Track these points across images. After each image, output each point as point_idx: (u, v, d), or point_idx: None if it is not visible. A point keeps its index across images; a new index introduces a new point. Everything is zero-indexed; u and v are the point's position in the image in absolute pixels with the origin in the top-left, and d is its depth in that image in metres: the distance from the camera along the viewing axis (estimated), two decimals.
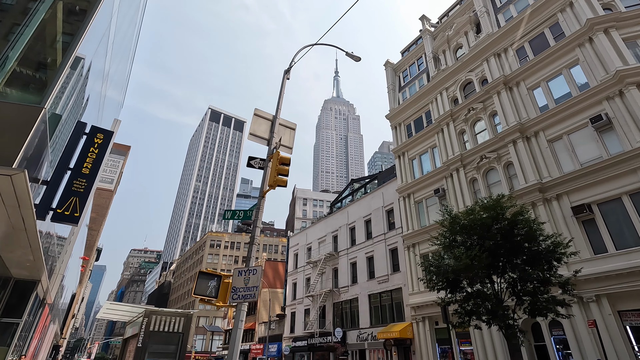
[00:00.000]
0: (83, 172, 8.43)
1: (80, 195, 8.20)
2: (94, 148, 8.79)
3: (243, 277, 5.45)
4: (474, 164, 21.48)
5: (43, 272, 12.25)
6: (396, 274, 24.90)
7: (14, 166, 5.67)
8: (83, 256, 41.09)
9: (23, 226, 7.55)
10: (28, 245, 8.93)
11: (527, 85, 20.43)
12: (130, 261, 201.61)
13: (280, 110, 7.39)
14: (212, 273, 5.71)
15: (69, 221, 7.87)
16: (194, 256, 77.69)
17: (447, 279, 12.41)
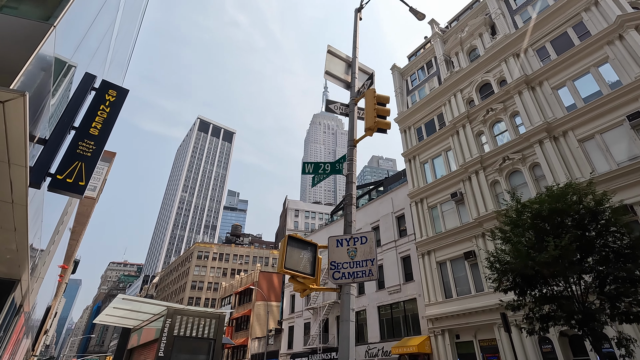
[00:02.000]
0: (91, 133, 6.69)
1: (86, 160, 6.44)
2: (104, 106, 7.09)
3: (346, 247, 3.88)
4: (496, 166, 20.41)
5: (25, 269, 10.17)
6: (409, 283, 23.29)
7: (13, 86, 4.01)
8: (62, 264, 37.97)
9: (10, 193, 5.73)
10: (12, 227, 7.03)
11: (551, 84, 19.68)
12: (109, 274, 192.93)
13: (357, 52, 5.96)
14: (304, 240, 4.07)
15: (71, 190, 6.08)
16: (180, 268, 73.99)
17: (521, 277, 10.78)
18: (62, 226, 18.45)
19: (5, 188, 5.64)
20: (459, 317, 19.48)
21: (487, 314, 18.22)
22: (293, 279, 3.82)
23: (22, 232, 7.44)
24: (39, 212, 9.50)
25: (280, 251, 3.77)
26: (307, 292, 3.89)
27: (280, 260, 3.68)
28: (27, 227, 7.28)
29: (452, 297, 20.37)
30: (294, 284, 3.85)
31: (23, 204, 6.25)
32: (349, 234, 4.13)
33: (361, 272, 3.71)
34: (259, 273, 44.17)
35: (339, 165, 4.98)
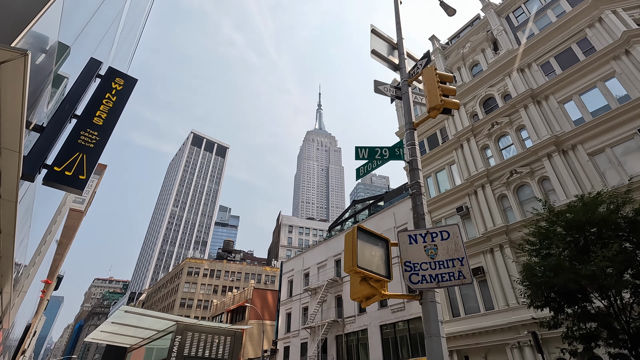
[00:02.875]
0: (95, 123, 5.96)
1: (88, 151, 5.69)
2: (110, 95, 6.39)
3: (422, 244, 3.18)
4: (503, 180, 20.02)
5: (8, 280, 9.16)
6: (414, 301, 22.34)
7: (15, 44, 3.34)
8: (46, 279, 36.07)
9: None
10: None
11: (557, 98, 19.61)
12: (93, 291, 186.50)
13: (402, 33, 5.44)
14: (375, 233, 3.33)
15: (70, 185, 5.30)
16: (169, 285, 71.48)
17: (562, 291, 9.92)
18: (49, 236, 17.33)
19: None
20: (467, 337, 18.60)
21: (499, 334, 17.38)
22: (364, 282, 3.07)
23: (8, 235, 6.56)
24: (28, 216, 8.62)
25: (347, 245, 3.06)
26: (375, 300, 3.16)
27: (350, 257, 2.94)
28: (14, 229, 6.42)
29: (460, 316, 19.52)
30: (359, 290, 3.07)
31: (12, 200, 5.44)
32: (423, 229, 3.45)
33: (447, 274, 3.01)
34: (253, 290, 42.64)
35: (398, 150, 4.36)
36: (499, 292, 18.06)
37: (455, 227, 3.28)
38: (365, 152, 4.60)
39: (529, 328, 16.21)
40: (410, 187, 4.06)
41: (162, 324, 7.68)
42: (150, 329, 7.91)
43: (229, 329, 7.64)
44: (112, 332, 8.38)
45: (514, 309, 17.19)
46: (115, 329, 8.14)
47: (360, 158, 4.53)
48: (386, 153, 4.56)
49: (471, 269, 15.84)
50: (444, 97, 4.24)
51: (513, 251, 18.25)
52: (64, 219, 22.62)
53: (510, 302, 17.40)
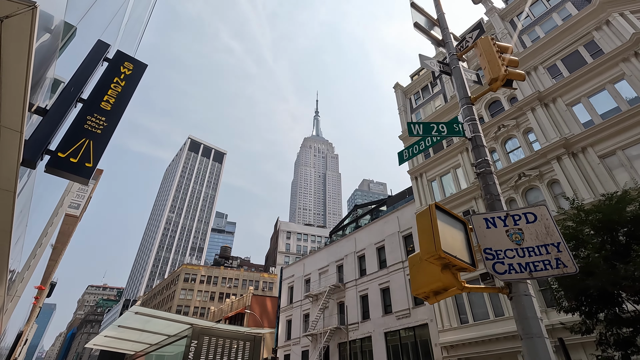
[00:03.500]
0: (102, 108, 5.50)
1: (95, 138, 5.22)
2: (119, 79, 5.93)
3: (502, 228, 2.74)
4: (511, 183, 19.68)
5: (2, 282, 8.58)
6: (419, 307, 21.82)
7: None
8: (39, 285, 35.09)
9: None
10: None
11: (565, 101, 19.39)
12: (86, 298, 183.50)
13: (442, 8, 5.08)
14: (452, 213, 2.86)
15: (75, 172, 4.82)
16: (165, 291, 70.25)
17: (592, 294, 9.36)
18: (45, 239, 16.70)
19: None
20: (477, 344, 18.06)
21: (510, 341, 16.87)
22: (446, 271, 2.61)
23: (4, 231, 6.03)
24: (25, 213, 8.08)
25: (424, 226, 2.61)
26: (450, 294, 2.70)
27: (431, 240, 2.45)
28: (11, 225, 5.90)
29: (468, 323, 19.00)
30: (433, 280, 2.53)
31: (10, 190, 4.94)
32: (501, 211, 3.02)
33: (541, 262, 2.56)
34: (252, 297, 41.82)
35: (457, 126, 3.94)
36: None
37: (543, 208, 2.85)
38: (419, 128, 4.18)
39: None
40: (476, 165, 3.64)
41: (175, 328, 6.68)
42: (160, 334, 7.14)
43: (248, 334, 6.88)
44: (116, 337, 7.60)
45: None
46: (120, 334, 7.34)
47: (414, 134, 4.11)
48: (443, 129, 4.14)
49: (480, 275, 15.36)
50: (509, 68, 3.83)
51: None
52: (60, 222, 21.96)
53: None
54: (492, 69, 3.82)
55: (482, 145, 3.70)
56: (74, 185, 19.92)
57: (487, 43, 4.05)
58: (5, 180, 4.75)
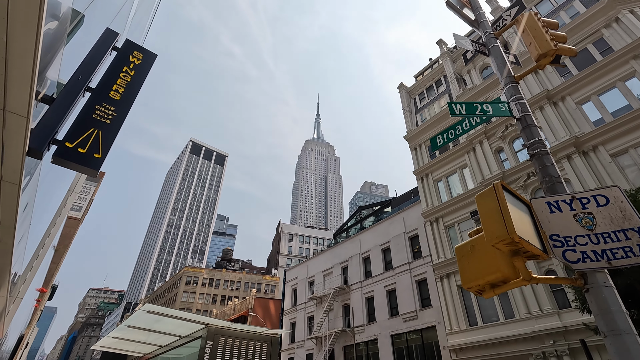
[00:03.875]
0: (111, 97, 5.25)
1: (104, 128, 4.96)
2: (128, 68, 5.68)
3: (569, 212, 2.47)
4: (520, 182, 19.38)
5: (5, 283, 8.32)
6: (427, 309, 21.47)
7: None
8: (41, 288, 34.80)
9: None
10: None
11: (574, 99, 19.12)
12: (87, 302, 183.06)
13: None
14: (517, 195, 2.56)
15: (84, 163, 4.56)
16: (166, 294, 69.89)
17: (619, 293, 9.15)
18: (47, 239, 16.45)
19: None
20: (487, 347, 17.71)
21: (521, 344, 16.52)
22: (518, 258, 2.33)
23: (8, 227, 5.78)
24: (29, 210, 7.82)
25: (489, 207, 2.32)
26: (515, 286, 2.42)
27: (501, 221, 2.13)
28: (15, 220, 5.65)
29: (477, 325, 18.65)
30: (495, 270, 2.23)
31: (15, 182, 4.68)
32: (564, 194, 2.76)
33: (621, 250, 2.27)
34: (255, 299, 41.46)
35: (504, 105, 3.69)
36: (520, 299, 17.25)
37: (616, 190, 2.57)
38: (462, 108, 3.92)
39: (554, 337, 15.41)
40: (529, 147, 3.39)
41: (187, 328, 6.13)
42: (171, 334, 6.63)
43: (265, 334, 6.49)
44: (125, 338, 7.23)
45: (537, 317, 16.37)
46: (128, 335, 6.95)
47: (457, 114, 3.87)
48: (488, 109, 3.88)
49: None
50: (559, 44, 3.57)
51: None
52: (63, 223, 21.72)
53: (533, 310, 16.58)
54: (540, 44, 3.55)
55: (534, 125, 3.45)
56: (77, 185, 19.69)
57: (532, 19, 3.80)
58: (11, 172, 4.50)
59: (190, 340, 5.91)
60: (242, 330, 5.80)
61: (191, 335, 5.92)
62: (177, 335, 6.28)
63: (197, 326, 5.54)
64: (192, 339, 5.93)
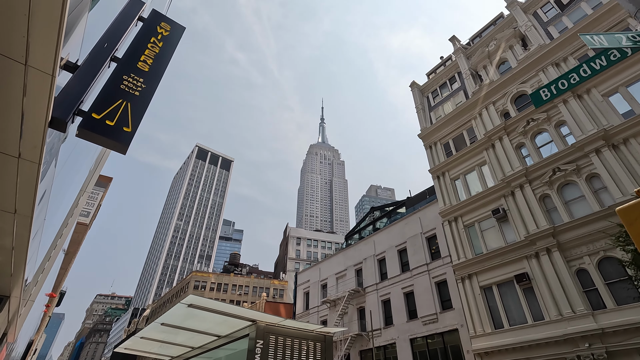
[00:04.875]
0: (139, 68, 4.71)
1: (134, 100, 4.41)
2: (156, 39, 5.14)
3: None
4: (545, 179, 18.63)
5: (19, 280, 7.78)
6: (448, 312, 20.67)
7: None
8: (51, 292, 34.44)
9: (17, 135, 3.64)
10: (12, 204, 4.86)
11: (600, 91, 18.40)
12: (95, 308, 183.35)
13: None
14: None
15: (113, 137, 4.01)
16: (174, 299, 69.37)
17: None
18: (59, 240, 15.99)
19: (10, 122, 3.54)
20: (515, 351, 16.86)
21: (552, 347, 15.67)
22: None
23: (25, 216, 5.24)
24: (45, 203, 7.29)
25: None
26: None
27: None
28: (33, 207, 5.12)
29: (504, 328, 17.82)
30: None
31: (35, 161, 4.15)
32: None
33: None
34: (265, 303, 40.79)
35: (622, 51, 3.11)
36: (550, 300, 16.43)
37: None
38: (601, 40, 3.33)
39: (590, 340, 14.58)
40: None
41: (230, 326, 5.29)
42: (208, 334, 5.72)
43: (318, 332, 5.72)
44: (154, 339, 6.49)
45: (569, 318, 15.54)
46: (158, 335, 6.02)
47: (596, 45, 3.28)
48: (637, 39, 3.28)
49: (514, 276, 14.21)
50: None
51: (563, 255, 16.74)
52: (75, 224, 21.32)
53: (564, 312, 15.76)
54: None
55: None
56: (89, 185, 19.27)
57: None
58: (30, 147, 3.97)
59: (233, 340, 5.15)
60: (293, 327, 5.09)
61: (233, 335, 5.11)
62: (214, 335, 5.55)
63: (243, 323, 4.81)
64: (234, 338, 5.12)
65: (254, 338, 4.22)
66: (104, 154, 19.94)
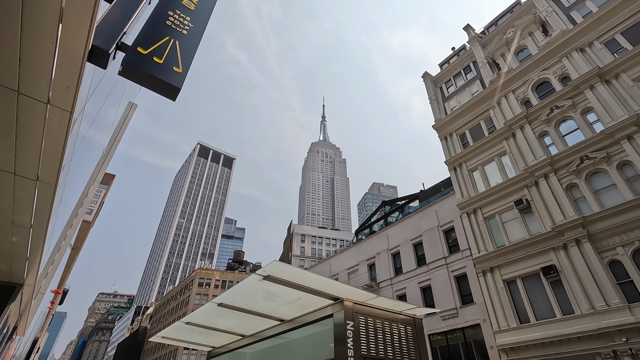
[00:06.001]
0: (185, 6, 3.96)
1: (182, 39, 3.65)
2: None
3: None
4: (572, 167, 17.89)
5: (35, 265, 7.07)
6: (468, 306, 19.98)
7: None
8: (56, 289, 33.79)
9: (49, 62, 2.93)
10: (34, 169, 4.16)
11: (630, 76, 17.64)
12: (97, 306, 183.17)
13: None
14: None
15: (162, 75, 3.29)
16: (178, 297, 68.80)
17: None
18: (70, 231, 15.31)
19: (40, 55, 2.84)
20: (543, 346, 16.17)
21: (585, 342, 14.96)
22: None
23: (47, 186, 4.54)
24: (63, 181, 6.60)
25: None
26: None
27: None
28: (57, 174, 4.42)
29: (530, 322, 17.12)
30: None
31: (67, 109, 3.45)
32: None
33: None
34: None
35: None
36: (581, 293, 15.72)
37: None
38: None
39: (627, 334, 13.88)
40: None
41: (303, 306, 4.37)
42: (270, 317, 4.76)
43: (406, 314, 4.79)
44: (201, 324, 5.36)
45: (602, 312, 14.83)
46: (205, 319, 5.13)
47: None
48: None
49: (541, 268, 13.47)
50: None
51: (594, 246, 16.03)
52: (84, 216, 20.65)
53: (598, 305, 15.05)
54: None
55: None
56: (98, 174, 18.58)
57: None
58: (63, 89, 3.26)
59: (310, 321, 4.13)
60: (382, 307, 4.25)
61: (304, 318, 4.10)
62: (276, 319, 4.66)
63: (322, 302, 3.98)
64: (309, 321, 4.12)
65: (342, 320, 3.42)
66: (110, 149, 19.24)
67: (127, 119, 18.53)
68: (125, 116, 18.54)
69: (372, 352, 3.53)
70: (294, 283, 3.46)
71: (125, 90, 11.55)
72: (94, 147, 11.10)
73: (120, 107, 13.58)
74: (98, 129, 9.09)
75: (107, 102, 6.91)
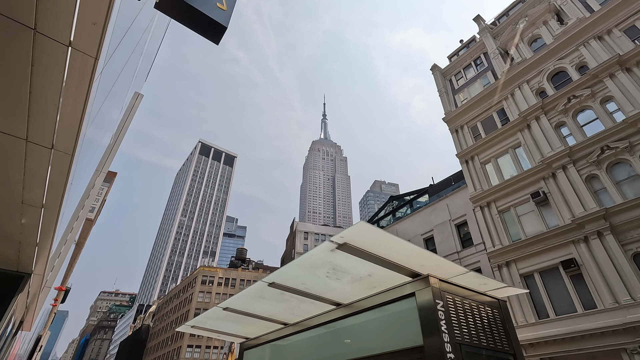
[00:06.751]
0: None
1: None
2: None
3: None
4: (592, 158, 17.36)
5: (44, 253, 6.56)
6: None
7: None
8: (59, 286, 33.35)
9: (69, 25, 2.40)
10: (49, 137, 3.65)
11: None
12: (99, 305, 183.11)
13: None
14: None
15: (208, 12, 2.82)
16: (181, 294, 68.42)
17: None
18: (76, 223, 14.80)
19: None
20: (564, 342, 15.67)
21: (609, 337, 14.46)
22: None
23: (64, 155, 4.02)
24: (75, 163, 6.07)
25: None
26: None
27: None
28: (76, 142, 3.91)
29: (549, 318, 16.62)
30: None
31: (92, 54, 2.94)
32: None
33: None
34: None
35: None
36: (604, 287, 15.21)
37: None
38: None
39: None
40: None
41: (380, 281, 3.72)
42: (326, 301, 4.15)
43: (492, 296, 4.23)
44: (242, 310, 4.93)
45: (628, 306, 14.32)
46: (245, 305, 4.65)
47: None
48: None
49: (560, 262, 12.95)
50: None
51: (617, 238, 15.51)
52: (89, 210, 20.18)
53: (622, 299, 14.54)
54: None
55: None
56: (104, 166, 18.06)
57: None
58: (88, 26, 2.74)
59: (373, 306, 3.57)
60: (464, 286, 3.64)
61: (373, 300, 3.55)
62: (333, 302, 4.03)
63: (398, 279, 3.34)
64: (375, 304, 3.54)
65: (431, 300, 2.81)
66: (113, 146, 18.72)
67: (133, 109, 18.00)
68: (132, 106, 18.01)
69: (465, 338, 2.97)
70: (372, 254, 2.88)
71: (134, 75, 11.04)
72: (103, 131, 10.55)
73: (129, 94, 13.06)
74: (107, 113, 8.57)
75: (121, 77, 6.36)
